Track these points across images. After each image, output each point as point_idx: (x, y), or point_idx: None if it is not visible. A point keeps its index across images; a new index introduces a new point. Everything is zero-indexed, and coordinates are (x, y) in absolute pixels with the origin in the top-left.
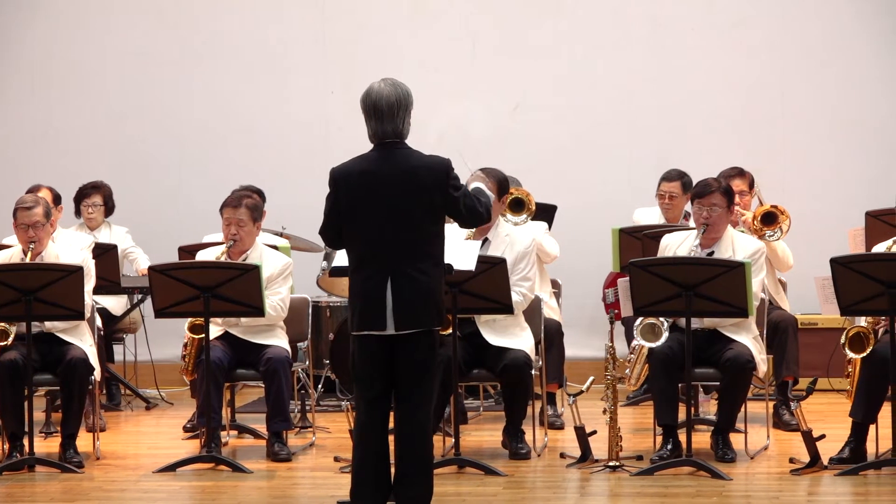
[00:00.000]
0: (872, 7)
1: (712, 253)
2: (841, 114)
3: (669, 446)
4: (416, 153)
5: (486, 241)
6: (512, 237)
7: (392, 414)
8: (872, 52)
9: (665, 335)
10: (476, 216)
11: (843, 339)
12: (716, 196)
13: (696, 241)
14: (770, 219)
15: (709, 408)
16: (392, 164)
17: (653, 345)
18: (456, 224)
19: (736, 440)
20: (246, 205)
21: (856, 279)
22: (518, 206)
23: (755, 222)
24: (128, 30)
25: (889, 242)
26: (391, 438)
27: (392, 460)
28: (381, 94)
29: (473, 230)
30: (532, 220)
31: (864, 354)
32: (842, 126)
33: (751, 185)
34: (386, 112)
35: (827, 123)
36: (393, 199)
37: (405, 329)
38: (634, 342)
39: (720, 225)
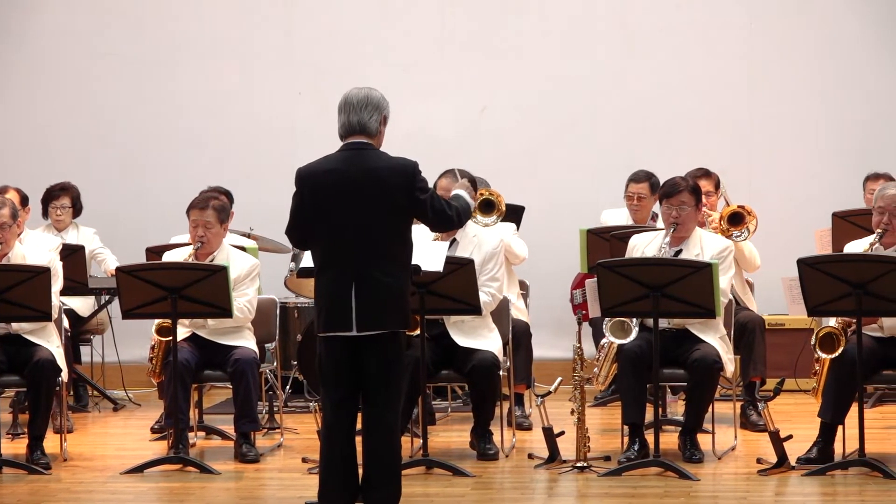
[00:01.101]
0: (840, 10)
1: (680, 251)
2: (808, 115)
3: (636, 446)
4: (383, 154)
5: (454, 241)
6: (480, 238)
7: (360, 415)
8: (840, 54)
9: (635, 332)
10: (444, 220)
11: (813, 340)
12: (684, 195)
13: (665, 239)
14: (737, 219)
15: (676, 408)
16: (358, 165)
17: (622, 341)
18: (424, 226)
19: (703, 440)
20: (213, 206)
21: (823, 280)
22: (488, 207)
23: (722, 223)
24: (96, 31)
25: (865, 245)
26: (359, 440)
27: (360, 461)
28: (354, 92)
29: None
30: (501, 220)
31: (836, 355)
32: (809, 127)
33: (717, 186)
34: (355, 105)
35: (794, 124)
36: (358, 199)
37: (368, 330)
38: (604, 339)
39: (689, 223)
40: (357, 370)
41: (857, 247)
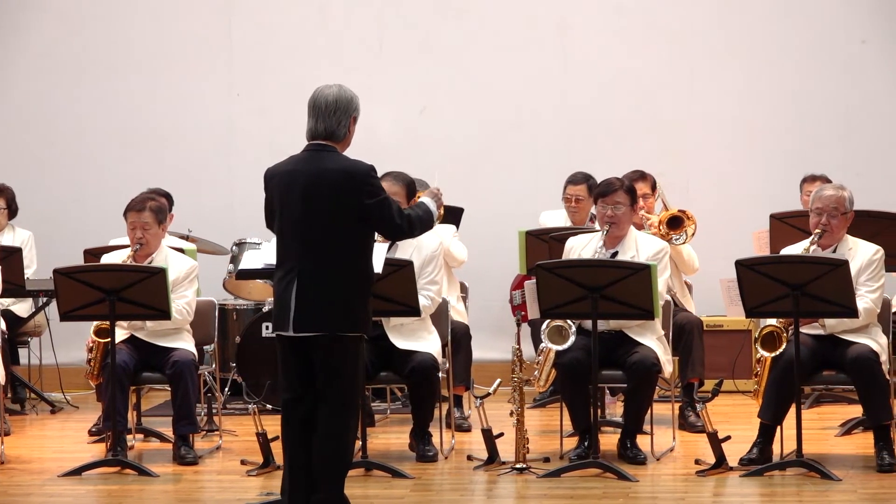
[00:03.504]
0: (776, 12)
1: (616, 253)
2: (746, 117)
3: (586, 443)
4: (340, 156)
5: (393, 244)
6: (419, 241)
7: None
8: (776, 56)
9: (572, 338)
10: (392, 228)
11: (756, 335)
12: (619, 194)
13: (600, 242)
14: (676, 223)
15: (615, 409)
16: (312, 166)
17: (560, 347)
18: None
19: (642, 442)
20: (150, 208)
21: (760, 281)
22: None
23: (661, 227)
24: (33, 31)
25: (805, 243)
26: None
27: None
28: (324, 93)
29: None
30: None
31: (777, 353)
32: (746, 129)
33: (653, 188)
34: (323, 110)
35: (732, 126)
36: (307, 200)
37: (304, 331)
38: (542, 345)
39: (625, 223)
40: (307, 371)
41: (793, 251)
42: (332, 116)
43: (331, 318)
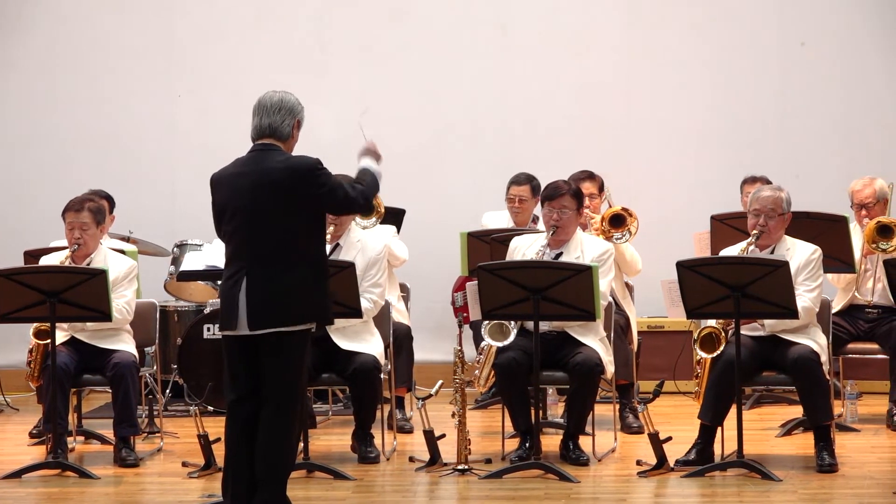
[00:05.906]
0: (715, 15)
1: (560, 254)
2: (686, 119)
3: (527, 444)
4: (284, 154)
5: (337, 246)
6: (364, 243)
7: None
8: (717, 58)
9: (513, 334)
10: (352, 205)
11: (695, 336)
12: (566, 198)
13: (544, 243)
14: (618, 221)
15: (556, 410)
16: (257, 166)
17: (501, 344)
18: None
19: (583, 443)
20: (88, 208)
21: (701, 282)
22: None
23: (603, 224)
24: None
25: (743, 244)
26: None
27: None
28: (269, 95)
29: (328, 235)
30: (381, 223)
31: (715, 354)
32: (687, 130)
33: (601, 189)
34: (268, 108)
35: (672, 128)
36: (253, 199)
37: (257, 329)
38: (483, 342)
39: (570, 227)
40: (253, 371)
41: (730, 252)
42: (277, 114)
43: (282, 314)
